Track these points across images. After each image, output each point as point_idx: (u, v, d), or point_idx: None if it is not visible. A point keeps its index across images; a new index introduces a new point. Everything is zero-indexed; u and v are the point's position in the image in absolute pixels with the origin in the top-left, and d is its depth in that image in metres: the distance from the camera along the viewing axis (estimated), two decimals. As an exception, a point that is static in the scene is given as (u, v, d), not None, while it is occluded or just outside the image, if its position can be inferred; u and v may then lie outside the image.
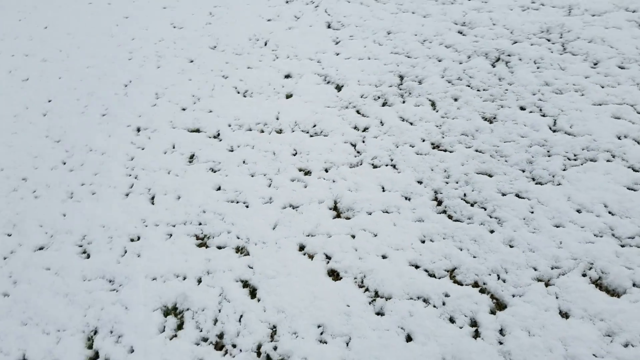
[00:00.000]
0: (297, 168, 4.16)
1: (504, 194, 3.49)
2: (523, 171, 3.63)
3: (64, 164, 4.86)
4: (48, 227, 4.15)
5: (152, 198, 4.22)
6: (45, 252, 3.92)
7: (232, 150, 4.53)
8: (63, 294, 3.54)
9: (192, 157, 4.59)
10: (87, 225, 4.05)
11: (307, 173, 4.11)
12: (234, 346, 2.97)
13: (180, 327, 3.17)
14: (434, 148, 4.05)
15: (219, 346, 3.01)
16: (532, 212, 3.32)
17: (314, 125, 4.58)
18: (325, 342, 2.89)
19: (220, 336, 3.05)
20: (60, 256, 3.84)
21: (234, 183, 4.14)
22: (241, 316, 3.12)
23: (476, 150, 3.90)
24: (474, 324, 2.82)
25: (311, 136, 4.48)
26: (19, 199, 4.55)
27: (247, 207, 3.90)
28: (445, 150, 3.99)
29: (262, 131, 4.67)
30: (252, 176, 4.18)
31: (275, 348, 2.92)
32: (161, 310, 3.28)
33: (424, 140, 4.12)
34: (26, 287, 3.66)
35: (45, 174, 4.77)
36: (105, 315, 3.31)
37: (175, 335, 3.12)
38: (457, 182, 3.68)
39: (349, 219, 3.63)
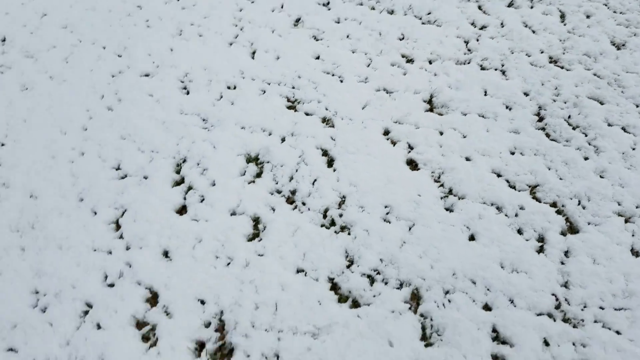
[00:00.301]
0: (400, 53, 4.05)
1: (610, 125, 3.30)
2: (637, 106, 3.38)
3: (178, 0, 4.98)
4: (155, 57, 4.37)
5: (253, 53, 4.29)
6: (150, 80, 4.17)
7: (338, 22, 4.45)
8: (161, 120, 3.81)
9: (297, 20, 4.56)
10: (191, 64, 4.23)
11: (410, 61, 4.00)
12: (304, 204, 3.16)
13: (259, 175, 3.38)
14: (550, 62, 3.80)
15: (290, 200, 3.21)
16: (634, 149, 3.15)
17: (429, 13, 4.36)
18: (389, 222, 3.00)
19: (293, 192, 3.24)
20: (163, 86, 4.08)
21: (334, 55, 4.12)
22: (315, 180, 3.27)
23: (594, 74, 3.63)
24: (541, 240, 2.82)
25: (423, 23, 4.29)
26: (132, 25, 4.76)
27: (341, 81, 3.91)
28: (562, 67, 3.74)
29: (373, 8, 4.52)
30: (353, 52, 4.13)
31: (340, 215, 3.07)
32: (244, 157, 3.48)
33: (542, 52, 3.86)
34: (129, 106, 3.96)
35: (159, 6, 4.92)
36: (195, 149, 3.57)
37: (253, 182, 3.34)
38: (565, 102, 3.48)
39: (441, 115, 3.57)
